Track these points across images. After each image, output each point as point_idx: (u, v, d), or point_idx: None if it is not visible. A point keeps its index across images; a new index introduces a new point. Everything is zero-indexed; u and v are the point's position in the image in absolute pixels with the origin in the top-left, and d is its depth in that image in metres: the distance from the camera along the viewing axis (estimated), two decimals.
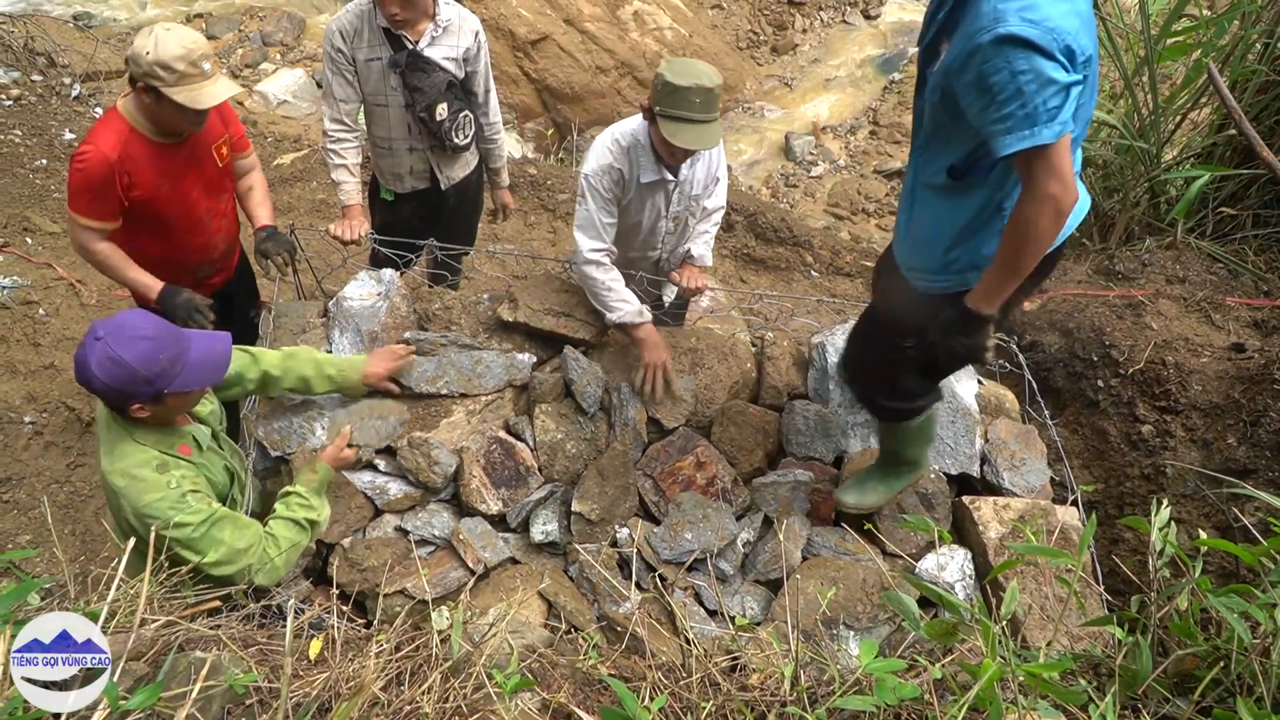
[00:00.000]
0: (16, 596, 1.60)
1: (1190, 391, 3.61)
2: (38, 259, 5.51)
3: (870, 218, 8.51)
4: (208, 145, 3.41)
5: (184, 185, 3.36)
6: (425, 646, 1.62)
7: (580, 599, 3.07)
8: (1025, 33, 1.91)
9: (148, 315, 2.38)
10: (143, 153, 3.20)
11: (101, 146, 3.12)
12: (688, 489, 3.28)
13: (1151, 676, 1.37)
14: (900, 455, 3.11)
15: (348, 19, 3.64)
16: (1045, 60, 1.93)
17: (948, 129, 2.29)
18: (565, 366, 3.42)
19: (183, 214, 3.41)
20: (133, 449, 2.45)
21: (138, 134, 3.19)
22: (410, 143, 3.94)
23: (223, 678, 1.32)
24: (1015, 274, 2.28)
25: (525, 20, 9.14)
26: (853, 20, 11.04)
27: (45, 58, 7.66)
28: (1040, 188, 2.06)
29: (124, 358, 2.25)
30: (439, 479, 3.22)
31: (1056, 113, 1.98)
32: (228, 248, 3.72)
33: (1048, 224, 2.12)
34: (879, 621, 2.98)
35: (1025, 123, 1.98)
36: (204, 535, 2.44)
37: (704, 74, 3.04)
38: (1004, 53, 1.94)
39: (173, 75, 3.02)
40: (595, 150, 3.35)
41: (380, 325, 3.50)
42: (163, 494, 2.40)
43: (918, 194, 2.51)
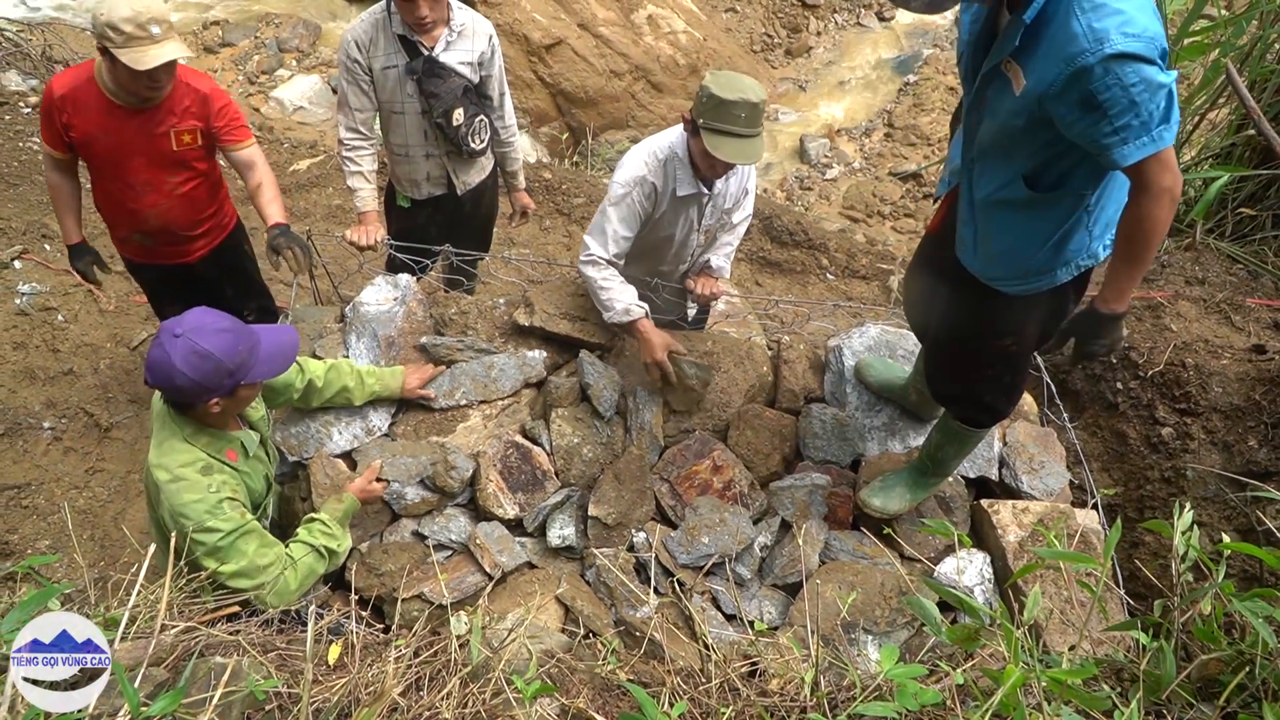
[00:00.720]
0: (37, 602, 1.61)
1: (1210, 393, 3.58)
2: (56, 265, 5.55)
3: (885, 220, 8.49)
4: (168, 125, 3.51)
5: (124, 148, 3.50)
6: (444, 652, 1.62)
7: (597, 603, 3.06)
8: (1131, 48, 1.94)
9: (215, 311, 2.45)
10: (91, 102, 3.39)
11: (58, 79, 3.42)
12: (704, 493, 3.27)
13: (1176, 681, 1.36)
14: (942, 464, 3.12)
15: (363, 28, 3.65)
16: (1150, 67, 1.97)
17: (1017, 144, 2.29)
18: (581, 371, 3.42)
19: (115, 174, 3.58)
20: (182, 448, 2.48)
21: (96, 86, 3.37)
22: (427, 149, 3.94)
23: (244, 683, 1.33)
24: (1142, 267, 2.32)
25: (539, 25, 9.16)
26: (867, 22, 11.02)
27: (63, 65, 7.72)
28: (1156, 184, 2.10)
29: (210, 350, 2.31)
30: (456, 483, 3.22)
31: (1168, 113, 2.02)
32: (161, 227, 3.78)
33: (1167, 215, 2.17)
34: (897, 626, 2.97)
35: (1142, 130, 2.02)
36: (230, 546, 2.47)
37: (749, 88, 2.99)
38: (1113, 70, 1.96)
39: (120, 36, 3.13)
40: (631, 161, 3.31)
41: (396, 330, 3.51)
42: (201, 496, 2.43)
43: (984, 210, 2.49)
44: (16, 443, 4.58)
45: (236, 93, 9.10)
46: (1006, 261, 2.54)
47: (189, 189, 3.73)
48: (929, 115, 9.63)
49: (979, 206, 2.50)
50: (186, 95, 3.49)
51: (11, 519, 4.32)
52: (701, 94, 3.02)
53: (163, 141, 3.52)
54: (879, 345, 3.63)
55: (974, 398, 2.91)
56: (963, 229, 2.62)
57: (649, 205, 3.33)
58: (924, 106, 9.78)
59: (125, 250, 3.96)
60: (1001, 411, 2.96)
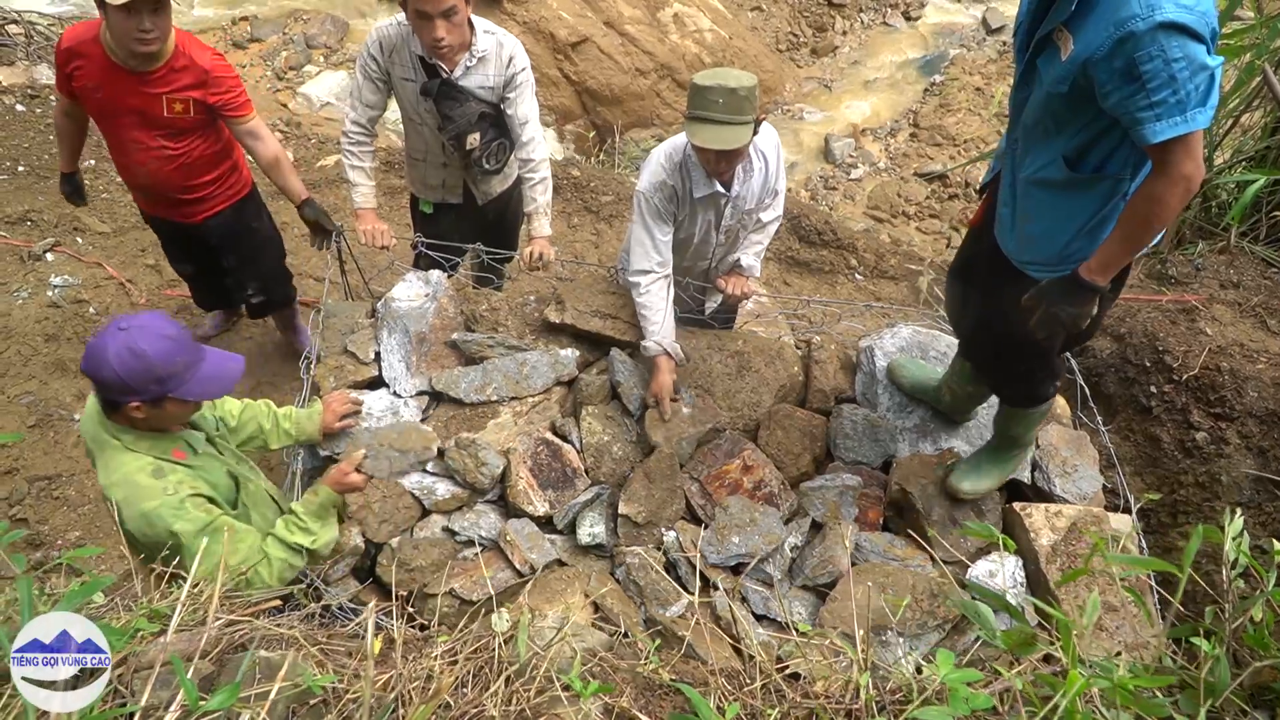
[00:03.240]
0: (83, 594, 1.62)
1: (1246, 398, 3.54)
2: (88, 258, 5.59)
3: (910, 220, 8.44)
4: (160, 90, 3.64)
5: (115, 104, 3.67)
6: (485, 649, 1.62)
7: (627, 602, 3.06)
8: (1183, 19, 1.93)
9: (170, 319, 2.41)
10: (94, 57, 3.56)
11: (69, 31, 3.61)
12: (735, 493, 3.26)
13: (1230, 688, 1.35)
14: (1021, 438, 3.16)
15: (391, 32, 3.56)
16: (1198, 45, 1.95)
17: (1060, 119, 2.29)
18: (612, 369, 3.42)
19: (108, 129, 3.80)
20: (127, 458, 2.43)
21: (100, 43, 3.53)
22: (444, 159, 3.91)
23: (300, 678, 1.33)
24: (1135, 247, 2.30)
25: (565, 23, 9.16)
26: (893, 22, 10.97)
27: None
28: (1176, 168, 2.08)
29: (146, 351, 2.27)
30: (486, 480, 3.23)
31: (1206, 97, 2.01)
32: (152, 186, 3.98)
33: (1178, 203, 2.15)
34: (928, 629, 2.95)
35: (1177, 109, 2.00)
36: (198, 544, 2.37)
37: (730, 75, 2.97)
38: (1159, 40, 1.95)
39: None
40: (649, 166, 3.32)
41: (428, 326, 3.52)
42: (161, 500, 2.38)
43: (1024, 189, 2.49)
44: (48, 434, 4.62)
45: (264, 88, 9.14)
46: (1041, 245, 2.54)
47: (179, 154, 3.86)
48: (955, 116, 9.58)
49: (1019, 186, 2.51)
50: (187, 66, 3.63)
51: (42, 510, 4.36)
52: (689, 88, 3.02)
53: (154, 105, 3.66)
54: (911, 346, 3.62)
55: (1014, 384, 2.95)
56: (1002, 209, 2.63)
57: (673, 205, 3.33)
58: (950, 107, 9.73)
59: (136, 200, 4.30)
60: (1042, 395, 2.98)
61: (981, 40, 10.79)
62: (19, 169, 6.38)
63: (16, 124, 6.73)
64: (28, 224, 5.82)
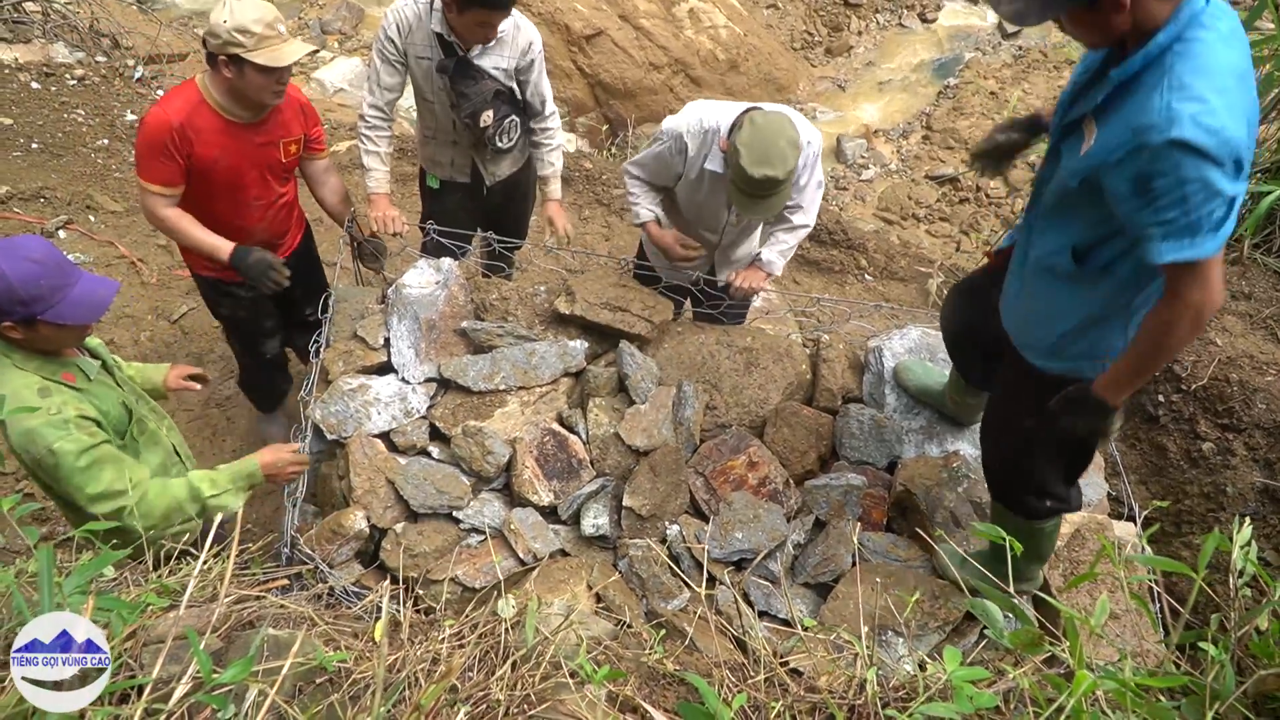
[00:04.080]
0: (94, 568, 1.63)
1: (1254, 410, 3.54)
2: (100, 236, 5.61)
3: (920, 223, 8.44)
4: (278, 136, 3.47)
5: (241, 166, 3.41)
6: (491, 634, 1.63)
7: (629, 594, 3.07)
8: (1199, 140, 1.81)
9: (45, 243, 2.39)
10: (209, 124, 3.26)
11: (166, 110, 3.21)
12: (739, 488, 3.27)
13: (1234, 695, 1.35)
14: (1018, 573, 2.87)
15: (407, 13, 3.60)
16: (1215, 170, 1.83)
17: (1075, 212, 2.20)
18: (620, 361, 3.42)
19: (231, 193, 3.46)
20: (13, 374, 2.44)
21: (208, 106, 3.26)
22: (454, 137, 3.95)
23: (313, 655, 1.34)
24: (1146, 373, 2.21)
25: (580, 15, 9.16)
26: (909, 23, 10.95)
27: (110, 39, 7.79)
28: (1184, 295, 1.98)
29: (6, 273, 2.27)
30: (492, 469, 3.24)
31: (1220, 224, 1.89)
32: (267, 241, 3.71)
33: (1186, 331, 2.05)
34: (929, 630, 2.96)
35: (1186, 232, 1.89)
36: (84, 467, 2.43)
37: (778, 161, 3.02)
38: (1174, 158, 1.83)
39: (252, 39, 3.09)
40: (685, 115, 3.37)
41: (438, 314, 3.53)
42: (43, 419, 2.39)
43: (1033, 269, 2.41)
44: None
45: None
46: (1037, 330, 2.48)
47: (289, 199, 3.74)
48: (968, 119, 9.56)
49: (1029, 265, 2.43)
50: (288, 106, 3.47)
51: None
52: (733, 150, 3.06)
53: (273, 154, 3.49)
54: (920, 347, 3.62)
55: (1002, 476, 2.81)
56: (1010, 278, 2.56)
57: (678, 161, 3.40)
58: (963, 110, 9.71)
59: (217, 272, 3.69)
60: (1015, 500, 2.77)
61: (997, 44, 10.77)
62: (33, 146, 6.40)
63: (32, 101, 6.74)
64: (41, 200, 5.84)
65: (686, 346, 3.59)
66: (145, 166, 3.28)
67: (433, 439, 3.37)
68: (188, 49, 8.20)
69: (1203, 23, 1.89)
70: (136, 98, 7.20)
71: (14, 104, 6.69)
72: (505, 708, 1.42)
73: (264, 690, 1.36)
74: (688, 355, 3.57)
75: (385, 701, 1.27)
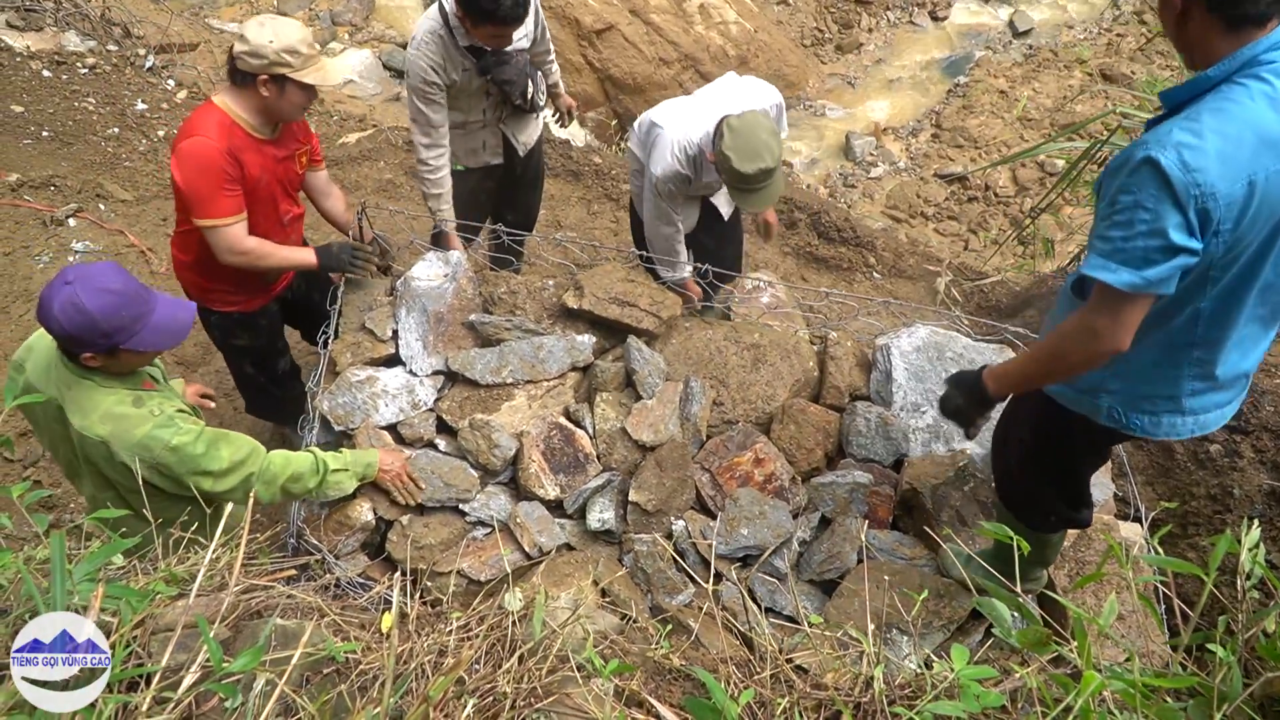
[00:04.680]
0: (103, 556, 1.64)
1: (1261, 412, 3.54)
2: (110, 225, 5.62)
3: (929, 221, 8.42)
4: (293, 149, 3.49)
5: (272, 184, 3.42)
6: (498, 627, 1.63)
7: (634, 589, 3.08)
8: (1170, 170, 1.75)
9: (120, 271, 2.40)
10: (246, 144, 3.26)
11: (208, 138, 3.14)
12: (745, 485, 3.27)
13: (1241, 698, 1.35)
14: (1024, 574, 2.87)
15: (431, 51, 3.68)
16: (1173, 210, 1.76)
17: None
18: (628, 356, 3.42)
19: (269, 211, 3.46)
20: (102, 394, 2.48)
21: (239, 126, 3.24)
22: (485, 120, 4.08)
23: (322, 645, 1.34)
24: (1031, 375, 2.21)
25: (591, 9, 9.15)
26: (920, 21, 10.92)
27: (121, 28, 7.80)
28: (1090, 314, 1.94)
29: (87, 307, 2.29)
30: (499, 462, 3.24)
31: (1147, 265, 1.81)
32: None
33: (1076, 348, 2.00)
34: (933, 629, 2.96)
35: (1115, 256, 1.84)
36: (204, 451, 2.49)
37: (765, 151, 3.32)
38: (1141, 177, 1.78)
39: (299, 59, 3.13)
40: (661, 157, 3.66)
41: (446, 306, 3.54)
42: (151, 423, 2.45)
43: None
44: None
45: None
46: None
47: (302, 212, 3.74)
48: (978, 118, 9.54)
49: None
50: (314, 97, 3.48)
51: (55, 473, 4.39)
52: (721, 152, 3.36)
53: (292, 167, 3.51)
54: (928, 346, 3.61)
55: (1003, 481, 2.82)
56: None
57: (685, 186, 3.76)
58: (973, 109, 9.68)
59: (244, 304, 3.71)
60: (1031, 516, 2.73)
61: (1008, 43, 10.73)
62: (44, 134, 6.42)
63: (43, 89, 6.76)
64: (51, 189, 5.86)
65: (694, 342, 3.59)
66: (212, 203, 3.18)
67: (440, 432, 3.38)
68: (198, 39, 8.21)
69: (1258, 73, 1.82)
70: (147, 87, 7.22)
71: (25, 92, 6.71)
72: (512, 700, 1.42)
73: (272, 679, 1.37)
74: (695, 351, 3.57)
75: (394, 693, 1.28)
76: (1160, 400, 2.22)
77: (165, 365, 4.81)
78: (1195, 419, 2.23)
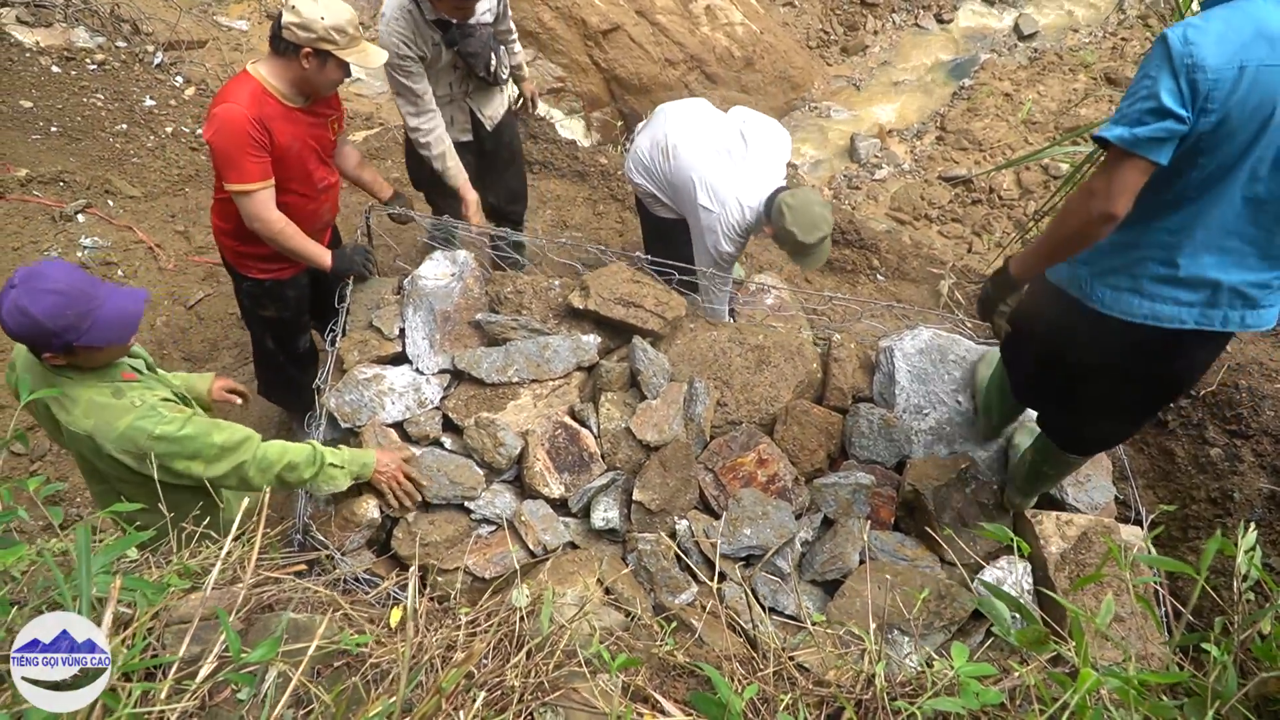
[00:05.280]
0: (117, 549, 1.67)
1: (1262, 416, 3.55)
2: (118, 221, 5.65)
3: (933, 223, 8.42)
4: (325, 115, 3.54)
5: (305, 151, 3.47)
6: (506, 623, 1.66)
7: (637, 588, 3.10)
8: (1173, 41, 1.93)
9: (64, 267, 2.37)
10: (275, 112, 3.31)
11: (237, 104, 3.21)
12: (748, 485, 3.30)
13: (1235, 697, 1.38)
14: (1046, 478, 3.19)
15: (402, 27, 3.77)
16: (1166, 74, 1.94)
17: None
18: (633, 356, 3.45)
19: (303, 180, 3.52)
20: (79, 390, 2.47)
21: (271, 95, 3.30)
22: (452, 95, 4.19)
23: (337, 638, 1.37)
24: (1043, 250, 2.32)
25: (597, 9, 9.17)
26: (925, 24, 10.92)
27: (130, 24, 7.82)
28: (1091, 178, 2.08)
29: (31, 310, 2.26)
30: (504, 460, 3.27)
31: (1137, 123, 1.98)
32: (330, 219, 3.84)
33: (1073, 214, 2.14)
34: (934, 629, 2.98)
35: (1114, 116, 2.02)
36: (194, 435, 2.48)
37: (822, 220, 3.63)
38: (1153, 51, 1.97)
39: (345, 38, 3.21)
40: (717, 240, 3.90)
41: (453, 306, 3.56)
42: (133, 413, 2.44)
43: None
44: None
45: None
46: None
47: (338, 179, 3.80)
48: (982, 121, 9.53)
49: None
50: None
51: (62, 467, 4.42)
52: (782, 227, 3.64)
53: (325, 133, 3.56)
54: (931, 349, 3.64)
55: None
56: None
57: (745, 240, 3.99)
58: (978, 112, 9.68)
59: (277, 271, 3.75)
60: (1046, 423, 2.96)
61: (1013, 46, 10.74)
62: (52, 129, 6.45)
63: (52, 85, 6.79)
64: (60, 184, 5.88)
65: (698, 343, 3.62)
66: (240, 168, 3.25)
67: (445, 430, 3.40)
68: (206, 36, 8.23)
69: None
70: (156, 83, 7.24)
71: (34, 87, 6.73)
72: (520, 694, 1.45)
73: (285, 671, 1.40)
74: (699, 352, 3.59)
75: (407, 685, 1.30)
76: (1123, 276, 2.34)
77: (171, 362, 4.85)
78: (1151, 305, 2.33)
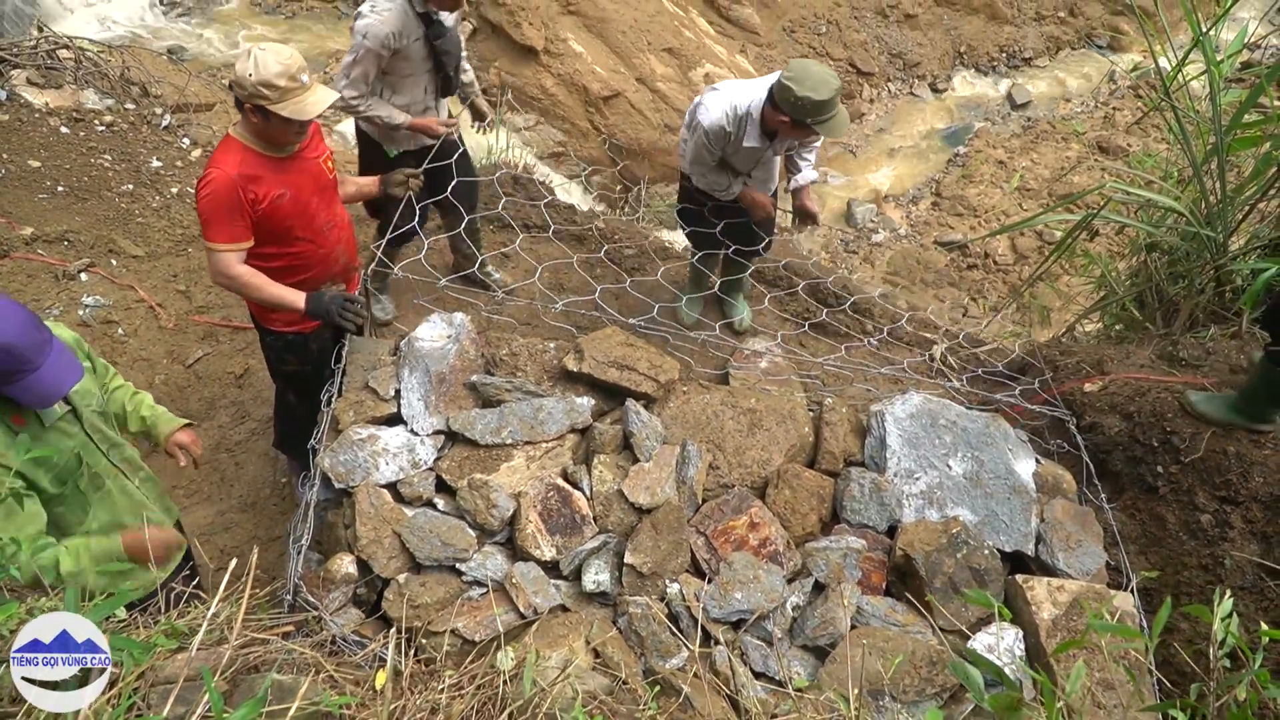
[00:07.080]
0: (107, 609, 1.68)
1: (1251, 483, 3.57)
2: (121, 280, 5.72)
3: (929, 288, 8.52)
4: (315, 158, 3.59)
5: (302, 195, 3.52)
6: (489, 686, 1.67)
7: (627, 651, 3.08)
8: None
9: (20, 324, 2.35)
10: (259, 166, 3.38)
11: (222, 167, 3.31)
12: (740, 548, 3.30)
13: None
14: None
15: (394, 19, 4.01)
16: None
17: None
18: (626, 419, 3.48)
19: (305, 224, 3.57)
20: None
21: (252, 151, 3.38)
22: (425, 101, 4.41)
23: (319, 699, 1.38)
24: None
25: (599, 77, 9.37)
26: (920, 93, 11.15)
27: (139, 87, 7.99)
28: None
29: None
30: (496, 522, 3.27)
31: None
32: (347, 261, 3.87)
33: None
34: (925, 696, 2.97)
35: None
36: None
37: (829, 77, 3.91)
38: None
39: (276, 92, 3.21)
40: (712, 110, 4.20)
41: (449, 367, 3.60)
42: None
43: None
44: None
45: None
46: None
47: (347, 216, 3.85)
48: (977, 187, 9.70)
49: None
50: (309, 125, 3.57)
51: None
52: (793, 98, 3.89)
53: (320, 173, 3.61)
54: (922, 413, 3.67)
55: None
56: None
57: (723, 141, 4.29)
58: (972, 178, 9.85)
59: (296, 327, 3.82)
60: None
61: (1006, 115, 10.95)
62: (59, 189, 6.55)
63: (60, 145, 6.91)
64: (65, 244, 5.97)
65: (691, 406, 3.65)
66: (214, 228, 3.37)
67: (439, 491, 3.41)
68: (215, 99, 8.40)
69: None
70: (163, 145, 7.37)
71: (43, 147, 6.86)
72: None
73: None
74: (692, 415, 3.62)
75: None
76: None
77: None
78: None
